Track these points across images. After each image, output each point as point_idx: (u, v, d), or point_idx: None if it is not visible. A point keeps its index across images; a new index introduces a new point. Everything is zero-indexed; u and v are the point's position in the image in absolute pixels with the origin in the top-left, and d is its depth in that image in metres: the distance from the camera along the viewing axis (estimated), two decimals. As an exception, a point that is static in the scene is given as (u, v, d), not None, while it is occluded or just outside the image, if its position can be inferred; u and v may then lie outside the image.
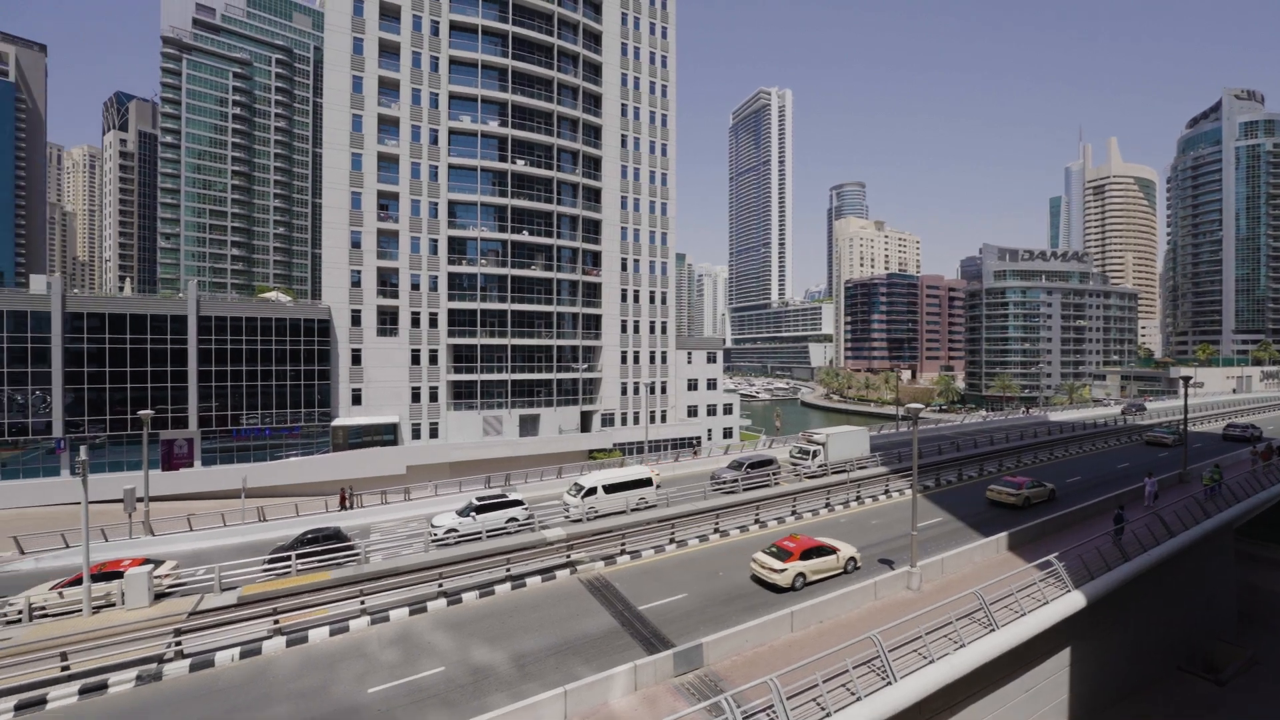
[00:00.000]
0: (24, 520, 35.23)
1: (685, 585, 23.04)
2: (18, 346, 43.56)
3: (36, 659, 17.67)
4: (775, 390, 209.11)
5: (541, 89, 61.38)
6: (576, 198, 63.71)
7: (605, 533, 28.72)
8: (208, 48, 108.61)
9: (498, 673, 17.03)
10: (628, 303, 67.50)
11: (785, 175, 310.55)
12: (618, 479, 34.40)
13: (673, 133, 70.81)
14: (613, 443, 62.78)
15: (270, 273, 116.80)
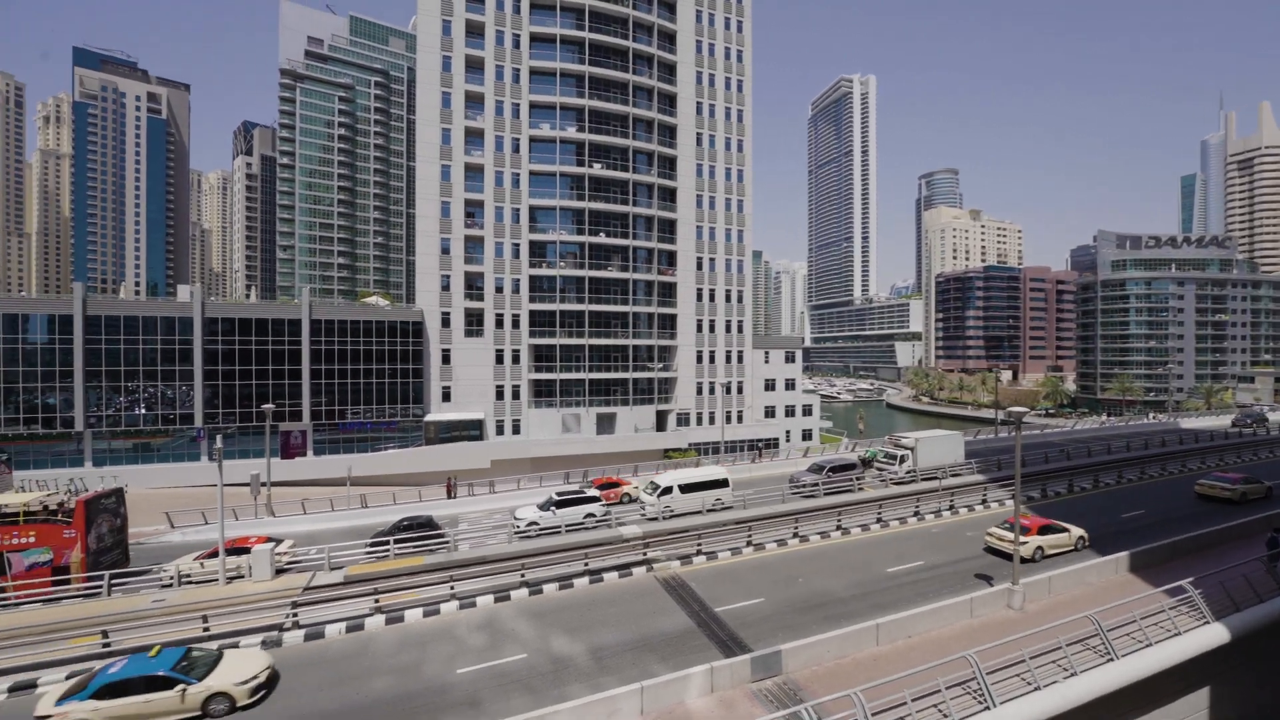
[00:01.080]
0: (172, 498, 40.36)
1: (762, 590, 22.56)
2: (168, 348, 50.04)
3: (184, 619, 20.21)
4: (858, 391, 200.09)
5: (617, 93, 62.30)
6: (652, 198, 64.13)
7: (681, 532, 28.69)
8: (317, 76, 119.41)
9: (576, 664, 17.49)
10: (703, 302, 67.09)
11: (869, 166, 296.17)
12: (693, 479, 34.28)
13: (749, 128, 69.56)
14: (688, 442, 62.65)
15: (370, 279, 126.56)
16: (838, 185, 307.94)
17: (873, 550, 26.99)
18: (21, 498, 25.42)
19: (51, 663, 17.94)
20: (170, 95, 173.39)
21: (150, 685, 15.02)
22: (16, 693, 16.86)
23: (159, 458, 50.40)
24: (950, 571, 24.21)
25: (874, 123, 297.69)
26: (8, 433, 46.89)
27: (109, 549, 26.09)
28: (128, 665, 15.62)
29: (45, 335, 47.71)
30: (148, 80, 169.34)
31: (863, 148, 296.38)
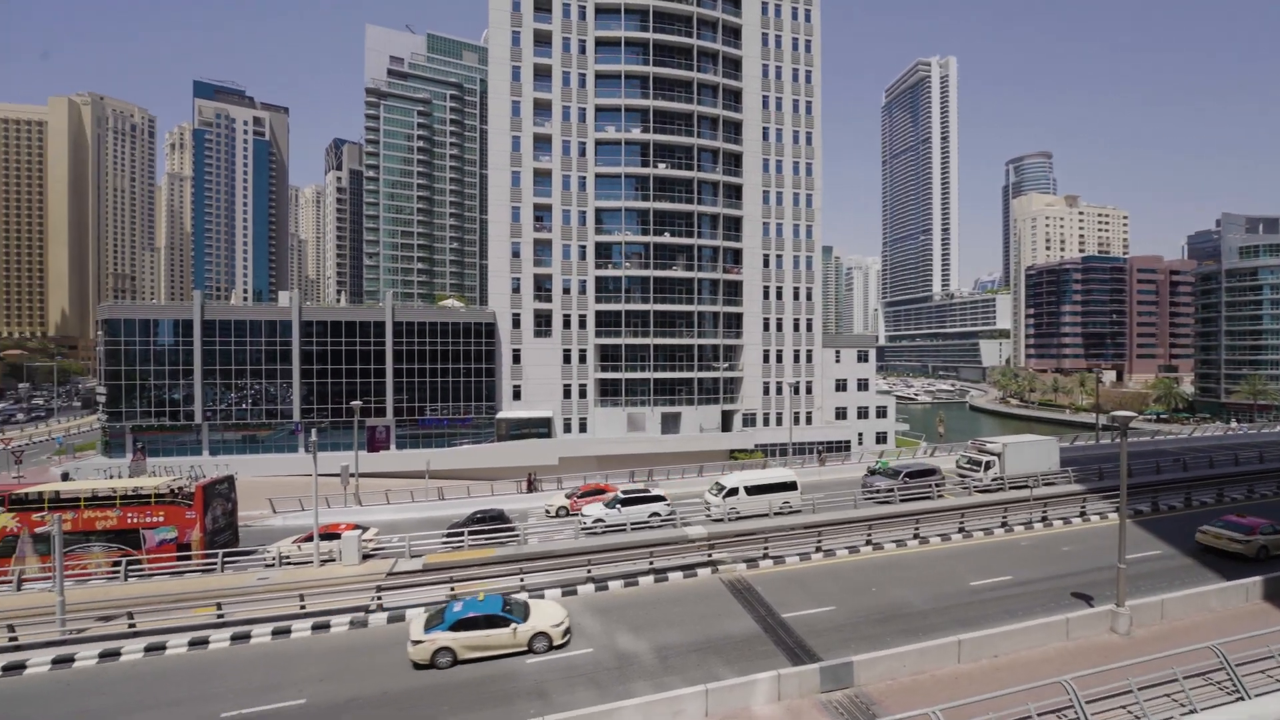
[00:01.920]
0: (274, 486, 44.14)
1: (833, 597, 21.79)
2: (270, 349, 54.84)
3: (284, 596, 22.07)
4: (938, 392, 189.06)
5: (681, 91, 62.12)
6: (717, 196, 63.49)
7: (747, 535, 28.23)
8: (398, 93, 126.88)
9: (641, 661, 17.59)
10: (770, 300, 65.68)
11: (949, 153, 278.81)
12: (760, 481, 33.63)
13: (818, 120, 67.38)
14: (754, 443, 61.54)
15: (447, 282, 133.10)
16: (915, 175, 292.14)
17: (954, 562, 25.42)
18: (153, 481, 28.67)
19: (179, 628, 20.12)
20: (272, 118, 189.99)
21: (490, 622, 18.06)
22: (151, 652, 19.03)
23: (263, 449, 55.30)
24: (1043, 589, 22.39)
25: (955, 107, 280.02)
26: (142, 424, 53.05)
27: (222, 530, 28.94)
28: (466, 606, 18.59)
29: (171, 338, 53.60)
30: (253, 106, 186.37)
31: (942, 134, 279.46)
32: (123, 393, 52.76)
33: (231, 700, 15.98)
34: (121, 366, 52.69)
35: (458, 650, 17.55)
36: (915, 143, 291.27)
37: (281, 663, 18.30)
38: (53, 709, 16.00)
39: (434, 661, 17.39)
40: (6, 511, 25.54)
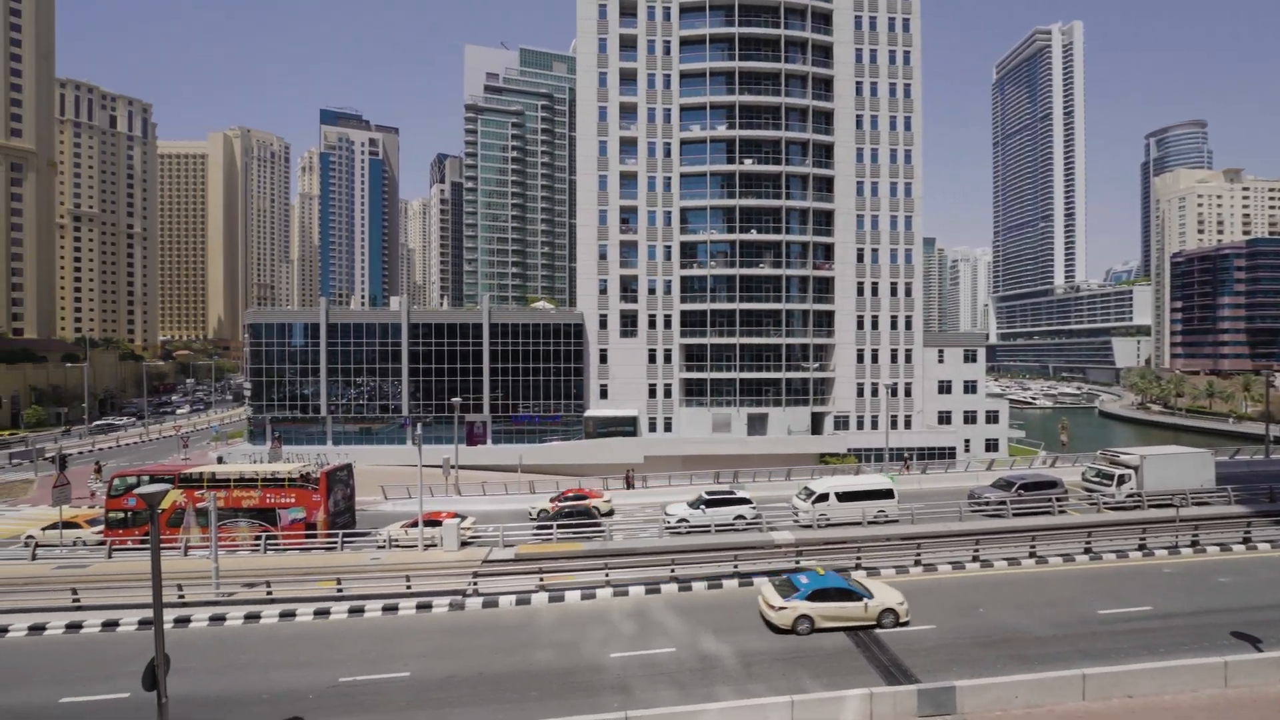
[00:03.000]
0: (385, 474, 48.18)
1: (932, 615, 20.28)
2: (383, 349, 59.97)
3: (393, 576, 24.03)
4: (1060, 396, 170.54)
5: (768, 84, 60.60)
6: (806, 190, 61.25)
7: (837, 543, 26.97)
8: (494, 106, 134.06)
9: (724, 666, 17.33)
10: (864, 297, 62.38)
11: (1074, 130, 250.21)
12: (853, 487, 32.07)
13: (918, 104, 63.05)
14: (847, 447, 58.72)
15: (538, 285, 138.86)
16: (1032, 156, 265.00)
17: (1078, 586, 22.78)
18: (286, 467, 32.28)
19: (306, 598, 22.52)
20: (384, 139, 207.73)
21: (841, 595, 19.18)
22: (284, 618, 21.46)
23: (377, 440, 60.58)
24: (1191, 624, 19.50)
25: (1080, 79, 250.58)
26: (279, 415, 59.99)
27: (341, 512, 32.02)
28: (813, 579, 19.66)
29: (302, 340, 60.15)
30: (369, 128, 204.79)
31: (1065, 109, 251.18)
32: (264, 388, 59.96)
33: (348, 667, 17.62)
34: (263, 365, 59.91)
35: (815, 619, 18.78)
36: (1032, 121, 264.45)
37: (390, 636, 19.94)
38: (209, 659, 18.47)
39: (794, 627, 18.77)
40: (175, 488, 29.83)
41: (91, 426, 79.24)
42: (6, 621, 21.32)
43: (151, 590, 12.81)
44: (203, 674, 17.38)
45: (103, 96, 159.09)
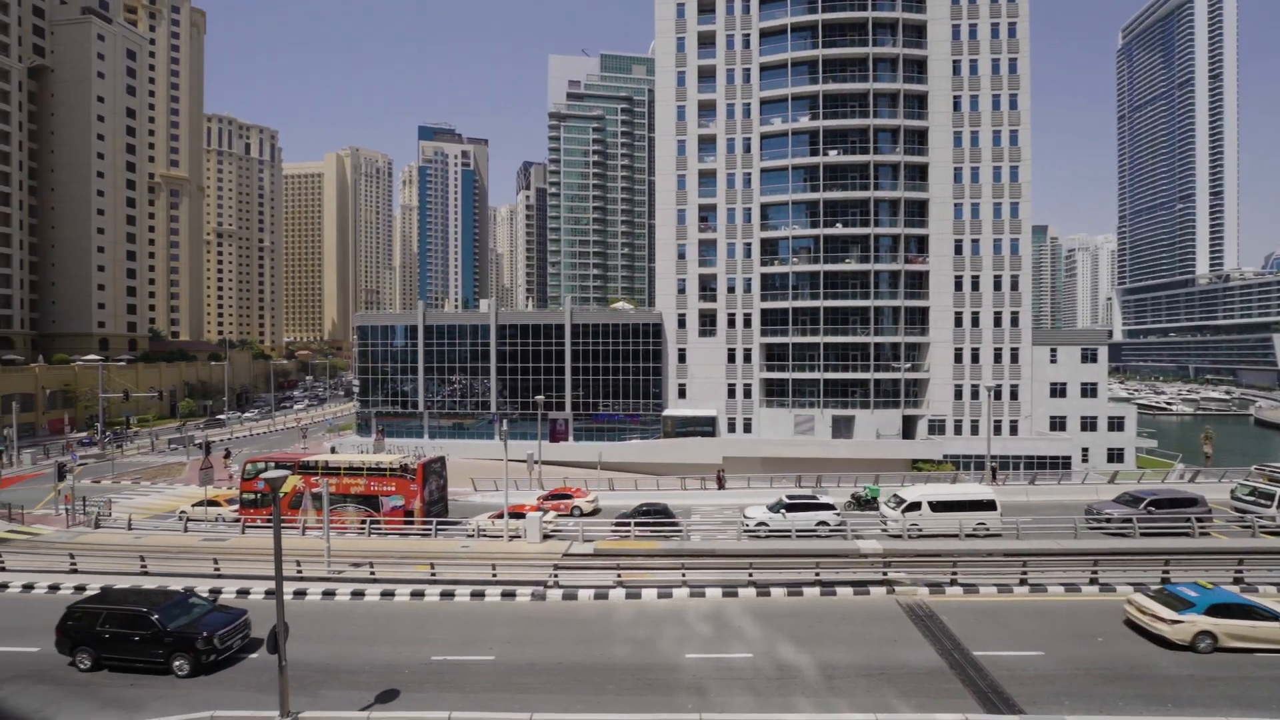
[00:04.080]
0: (475, 468, 50.87)
1: (1041, 641, 18.44)
2: (474, 349, 63.42)
3: (480, 564, 25.33)
4: (1204, 401, 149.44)
5: (854, 70, 57.82)
6: (897, 179, 57.83)
7: (930, 556, 25.22)
8: (576, 113, 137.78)
9: (803, 676, 16.72)
10: (963, 291, 57.94)
11: (1222, 96, 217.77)
12: (948, 496, 29.93)
13: (1025, 79, 57.65)
14: (943, 454, 54.83)
15: (618, 285, 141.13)
16: (1168, 129, 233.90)
17: (1226, 618, 19.80)
18: (388, 458, 34.97)
19: (404, 580, 24.27)
20: (475, 150, 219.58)
21: (1244, 613, 17.67)
22: (385, 597, 23.26)
23: (467, 435, 64.15)
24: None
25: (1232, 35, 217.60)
26: (382, 410, 65.11)
27: (435, 502, 34.21)
28: (1204, 594, 18.18)
29: (402, 340, 64.92)
30: (461, 141, 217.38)
31: (1212, 72, 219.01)
32: (370, 384, 65.37)
33: (439, 647, 18.78)
34: (369, 364, 65.32)
35: (1220, 636, 17.36)
36: (1168, 88, 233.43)
37: (477, 621, 21.03)
38: (320, 630, 20.38)
39: (1194, 645, 17.36)
40: (295, 475, 33.19)
41: (204, 421, 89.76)
42: (165, 583, 24.68)
43: (272, 565, 14.35)
44: (315, 643, 19.20)
45: (239, 127, 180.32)
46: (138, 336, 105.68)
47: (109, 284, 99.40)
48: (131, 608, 17.63)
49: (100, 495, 42.66)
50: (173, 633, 17.01)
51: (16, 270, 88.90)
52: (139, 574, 25.64)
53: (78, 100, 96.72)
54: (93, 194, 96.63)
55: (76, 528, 33.87)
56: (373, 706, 15.18)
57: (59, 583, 25.18)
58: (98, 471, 53.88)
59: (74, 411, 79.40)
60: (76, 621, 17.75)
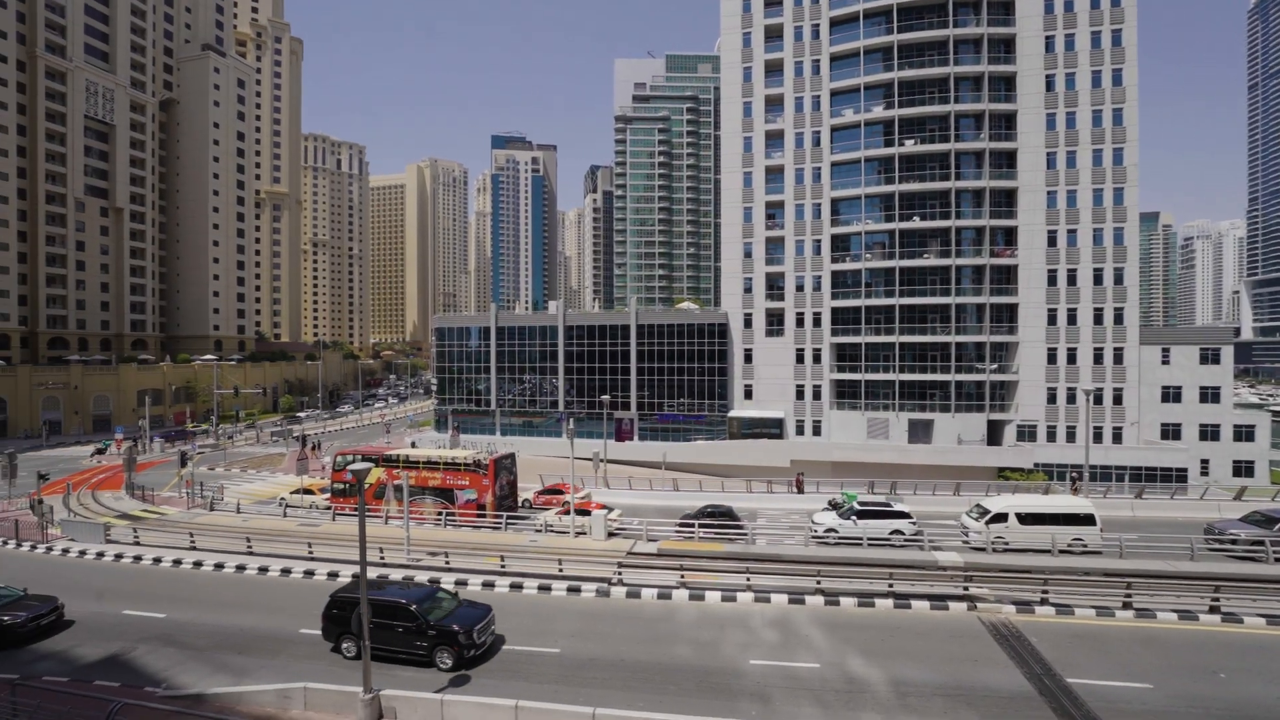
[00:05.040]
0: (543, 464, 52.35)
1: (1148, 672, 16.67)
2: (543, 349, 65.31)
3: (547, 559, 26.02)
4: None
5: (932, 54, 54.71)
6: (981, 167, 54.19)
7: (1018, 571, 23.41)
8: (641, 115, 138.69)
9: (874, 690, 16.00)
10: (1057, 286, 53.46)
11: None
12: (1040, 508, 27.73)
13: (1131, 50, 52.40)
14: (1033, 462, 50.84)
15: (684, 286, 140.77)
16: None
17: (1386, 661, 17.13)
18: (463, 453, 36.64)
19: (476, 570, 25.37)
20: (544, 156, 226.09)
21: None
22: (458, 585, 24.38)
23: (536, 432, 66.15)
24: None
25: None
26: (458, 407, 68.34)
27: (505, 497, 35.49)
28: None
29: (476, 341, 67.86)
30: (531, 148, 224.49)
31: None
32: (446, 383, 68.80)
33: (507, 636, 19.45)
34: (445, 363, 68.76)
35: None
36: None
37: (544, 614, 21.62)
38: (401, 615, 21.62)
39: None
40: (379, 467, 35.45)
41: (280, 418, 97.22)
42: (267, 563, 27.12)
43: (358, 551, 15.40)
44: (396, 626, 20.40)
45: (331, 144, 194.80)
46: (245, 338, 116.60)
47: (222, 291, 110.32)
48: (391, 598, 17.82)
49: (214, 481, 47.48)
50: (435, 626, 17.22)
51: (149, 280, 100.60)
52: (245, 554, 28.30)
53: (197, 127, 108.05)
54: (209, 211, 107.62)
55: (195, 509, 37.85)
56: (446, 689, 15.96)
57: (181, 557, 28.24)
58: (212, 460, 59.93)
59: (194, 405, 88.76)
60: (341, 610, 18.11)
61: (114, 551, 29.41)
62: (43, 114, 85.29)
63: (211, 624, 21.10)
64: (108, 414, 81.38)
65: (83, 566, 28.01)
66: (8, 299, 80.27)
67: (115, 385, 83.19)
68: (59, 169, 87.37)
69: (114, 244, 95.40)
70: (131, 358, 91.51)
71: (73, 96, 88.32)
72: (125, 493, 43.05)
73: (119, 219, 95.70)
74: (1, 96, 79.25)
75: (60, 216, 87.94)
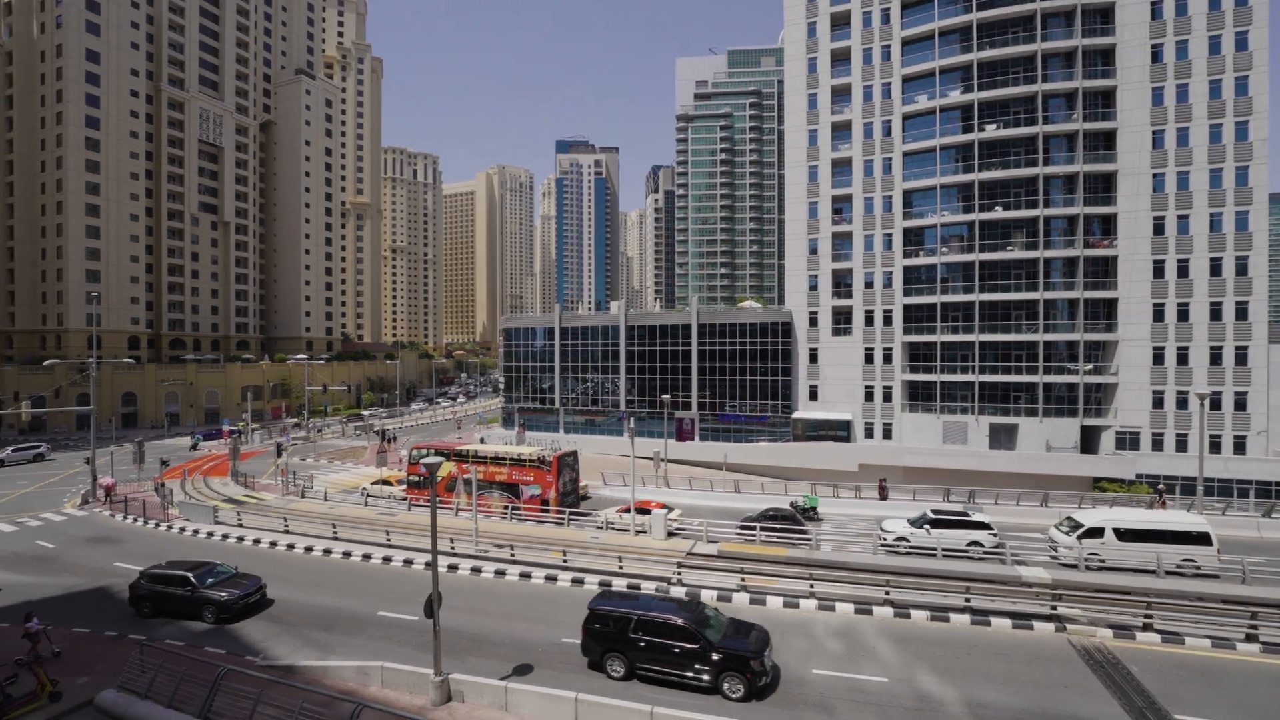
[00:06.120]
0: (605, 463, 53.08)
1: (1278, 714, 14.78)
2: (605, 349, 66.17)
3: (607, 556, 26.33)
4: None
5: (1016, 31, 50.96)
6: (1073, 150, 49.95)
7: (1116, 592, 21.38)
8: (703, 113, 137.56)
9: (947, 710, 15.08)
10: (1165, 279, 48.40)
11: None
12: (1143, 524, 25.26)
13: (1261, 7, 46.47)
14: (1135, 473, 46.28)
15: (746, 284, 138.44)
16: None
17: None
18: (529, 450, 37.74)
19: (540, 564, 26.06)
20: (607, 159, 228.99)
21: None
22: (523, 578, 25.13)
23: (598, 431, 67.09)
24: None
25: None
26: (524, 405, 70.47)
27: (568, 493, 36.23)
28: None
29: (541, 341, 69.71)
30: (594, 151, 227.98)
31: None
32: (513, 382, 71.08)
33: (570, 630, 19.83)
34: (512, 363, 71.06)
35: None
36: None
37: (604, 611, 21.88)
38: (468, 602, 22.58)
39: None
40: (450, 461, 37.12)
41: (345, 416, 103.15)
42: (350, 548, 29.06)
43: (430, 541, 16.19)
44: (464, 613, 21.33)
45: (408, 155, 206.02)
46: (333, 339, 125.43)
47: (313, 295, 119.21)
48: (665, 617, 16.42)
49: (304, 471, 51.37)
50: (720, 649, 15.66)
51: (251, 287, 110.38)
52: (331, 539, 30.44)
53: (291, 145, 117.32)
54: (301, 223, 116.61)
55: (289, 496, 41.12)
56: (510, 677, 16.49)
57: (276, 540, 30.76)
58: (303, 451, 64.88)
59: (289, 400, 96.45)
60: (604, 625, 16.91)
61: (221, 532, 32.47)
62: (165, 140, 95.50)
63: (302, 602, 22.85)
64: (216, 407, 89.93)
65: (197, 544, 31.09)
66: (138, 305, 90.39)
67: (223, 381, 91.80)
68: (178, 189, 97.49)
69: (222, 254, 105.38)
70: (236, 357, 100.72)
71: (189, 123, 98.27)
72: (230, 479, 47.42)
73: (226, 232, 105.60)
74: (135, 128, 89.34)
75: (179, 231, 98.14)
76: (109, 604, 23.30)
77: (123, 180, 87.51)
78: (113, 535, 32.88)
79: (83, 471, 48.93)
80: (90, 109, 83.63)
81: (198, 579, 21.65)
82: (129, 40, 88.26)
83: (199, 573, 21.96)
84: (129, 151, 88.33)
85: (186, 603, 21.40)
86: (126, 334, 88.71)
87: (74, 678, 17.13)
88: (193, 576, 21.68)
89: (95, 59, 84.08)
